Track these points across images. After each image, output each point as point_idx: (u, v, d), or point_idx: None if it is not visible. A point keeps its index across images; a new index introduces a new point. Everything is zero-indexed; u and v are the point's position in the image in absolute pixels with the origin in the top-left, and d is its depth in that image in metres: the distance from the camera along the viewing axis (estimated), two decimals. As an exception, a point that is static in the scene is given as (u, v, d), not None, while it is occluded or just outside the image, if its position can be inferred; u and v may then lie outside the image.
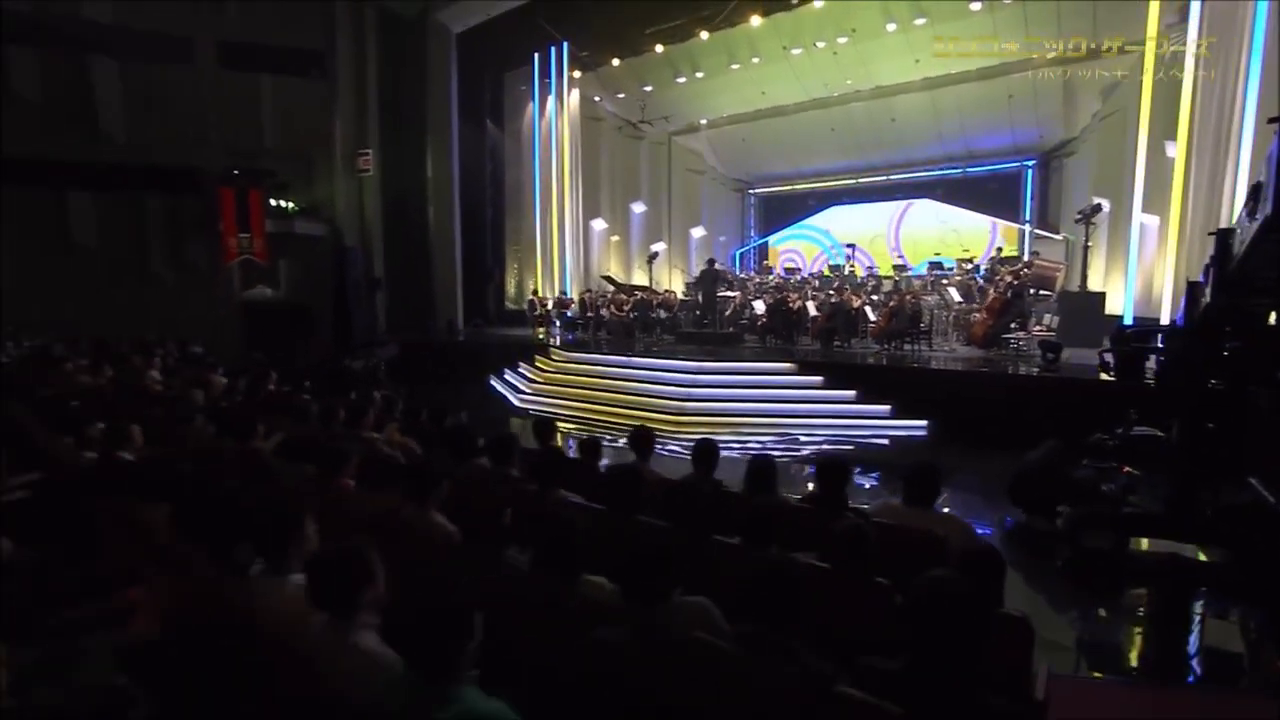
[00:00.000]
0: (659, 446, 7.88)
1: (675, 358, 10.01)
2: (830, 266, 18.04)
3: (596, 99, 19.54)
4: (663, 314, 13.06)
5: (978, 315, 10.63)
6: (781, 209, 22.43)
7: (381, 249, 16.19)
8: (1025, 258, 15.86)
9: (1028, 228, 17.55)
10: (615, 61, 17.15)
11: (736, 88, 17.66)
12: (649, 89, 18.33)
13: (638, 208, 21.14)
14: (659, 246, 21.49)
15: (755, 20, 14.52)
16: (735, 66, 16.68)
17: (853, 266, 18.27)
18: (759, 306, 12.00)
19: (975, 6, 13.47)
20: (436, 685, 1.37)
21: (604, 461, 4.31)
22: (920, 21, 14.00)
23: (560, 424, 9.21)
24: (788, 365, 9.45)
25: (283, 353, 14.24)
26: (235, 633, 1.57)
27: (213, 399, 6.46)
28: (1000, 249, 16.42)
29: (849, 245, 19.14)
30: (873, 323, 10.74)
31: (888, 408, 8.61)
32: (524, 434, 7.70)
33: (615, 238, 20.77)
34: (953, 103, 16.66)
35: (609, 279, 19.07)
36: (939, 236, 19.03)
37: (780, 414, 8.81)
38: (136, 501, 2.60)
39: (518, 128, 19.02)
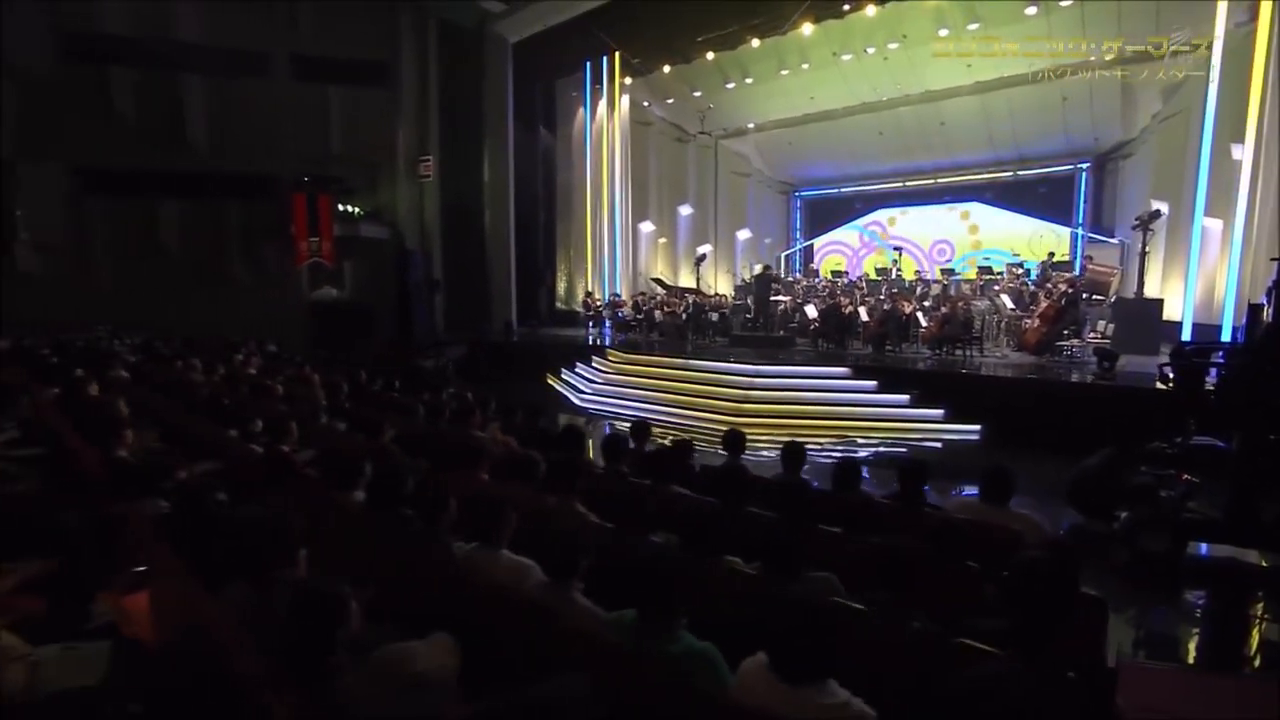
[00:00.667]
0: (714, 447, 8.42)
1: (732, 360, 10.40)
2: (877, 270, 18.19)
3: (645, 104, 20.01)
4: (715, 316, 13.45)
5: (1030, 321, 10.76)
6: (828, 212, 22.58)
7: (440, 251, 16.94)
8: (1079, 262, 15.84)
9: (1080, 231, 17.44)
10: (666, 69, 17.59)
11: (785, 93, 17.91)
12: (698, 94, 18.73)
13: (684, 210, 21.55)
14: (705, 249, 21.87)
15: (807, 28, 14.78)
16: (785, 72, 16.96)
17: (899, 269, 18.41)
18: (810, 311, 12.30)
19: (1030, 10, 13.55)
20: (664, 628, 1.83)
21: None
22: (973, 26, 14.08)
23: (623, 424, 9.80)
24: (843, 369, 9.77)
25: (345, 349, 15.16)
26: (482, 596, 2.05)
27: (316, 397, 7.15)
28: (1052, 254, 16.35)
29: (896, 247, 19.26)
30: (924, 328, 10.97)
31: (941, 412, 8.89)
32: (592, 433, 8.31)
33: (663, 240, 21.23)
34: (1004, 106, 16.65)
35: (659, 281, 19.55)
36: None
37: (836, 416, 9.14)
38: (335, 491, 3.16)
39: (569, 132, 19.59)
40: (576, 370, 12.90)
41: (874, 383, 9.44)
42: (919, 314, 11.26)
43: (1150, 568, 4.54)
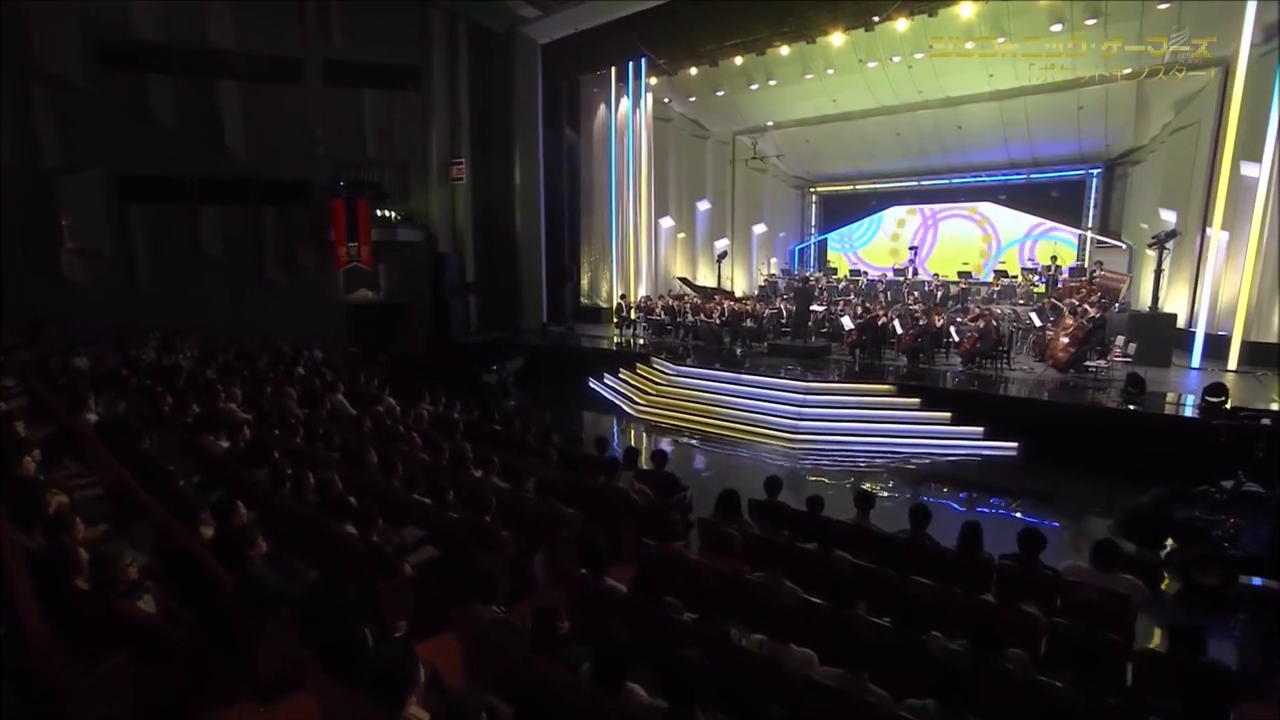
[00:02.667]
0: (773, 455, 9.21)
1: (784, 376, 11.11)
2: (895, 270, 18.93)
3: (666, 100, 20.35)
4: (749, 323, 14.12)
5: (1055, 334, 11.57)
6: (842, 207, 23.20)
7: (471, 252, 17.36)
8: (1090, 268, 16.68)
9: (1089, 234, 18.26)
10: (694, 71, 17.96)
11: (808, 95, 18.36)
12: (721, 93, 19.10)
13: (703, 205, 22.04)
14: (723, 244, 22.48)
15: (837, 37, 15.22)
16: (809, 77, 17.39)
17: (915, 267, 19.17)
18: (847, 322, 13.02)
19: (1056, 28, 14.09)
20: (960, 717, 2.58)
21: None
22: (1000, 40, 14.60)
23: (680, 432, 10.55)
24: (887, 387, 10.55)
25: (380, 347, 15.71)
26: (789, 685, 2.78)
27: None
28: (1055, 258, 17.14)
29: (911, 248, 19.99)
30: (956, 343, 11.74)
31: (980, 429, 9.71)
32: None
33: (682, 235, 21.74)
34: (1021, 112, 17.27)
35: (685, 281, 20.17)
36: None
37: (882, 433, 9.94)
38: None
39: (590, 128, 19.91)
40: (621, 376, 13.56)
41: (917, 400, 10.23)
42: (951, 328, 12.01)
43: (1204, 599, 5.40)
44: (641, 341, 16.05)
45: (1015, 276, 16.92)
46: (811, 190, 24.11)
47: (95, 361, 11.00)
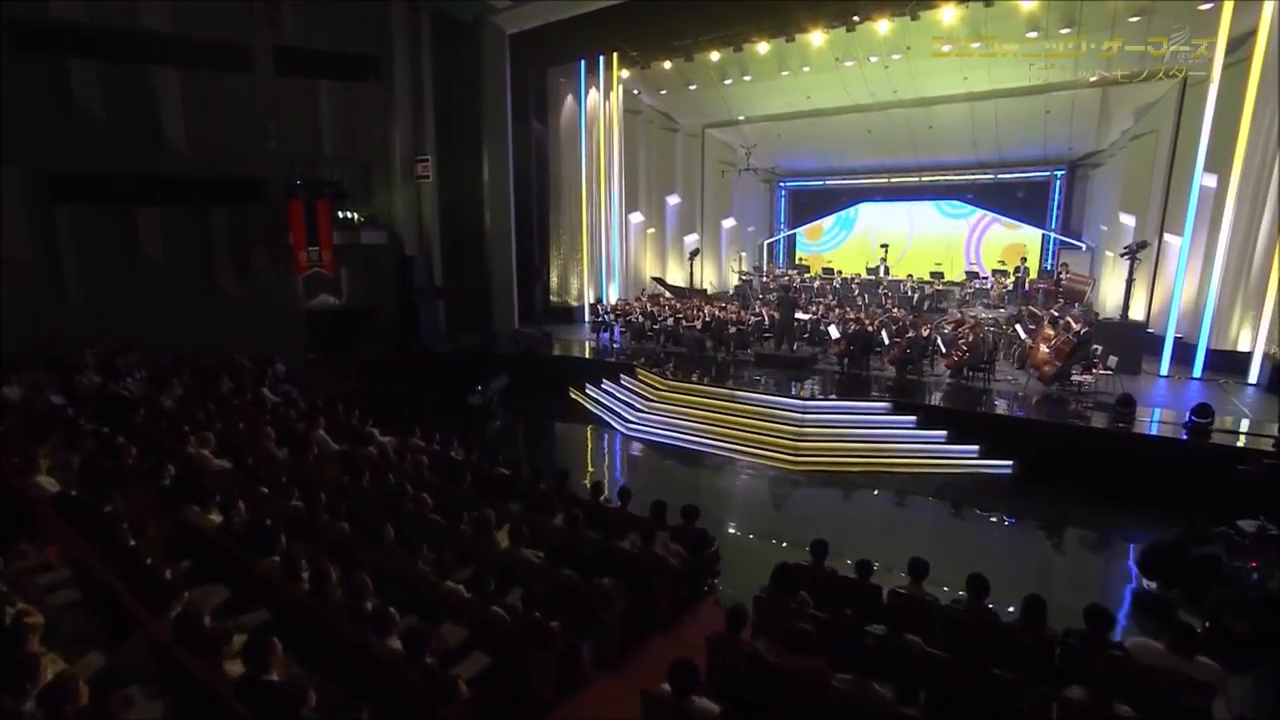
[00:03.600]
0: (774, 475, 9.10)
1: (781, 393, 10.98)
2: (868, 269, 19.06)
3: (636, 92, 19.79)
4: (733, 330, 13.92)
5: (1040, 347, 11.78)
6: (811, 202, 23.19)
7: (439, 253, 16.55)
8: (1057, 270, 17.15)
9: (1053, 234, 18.77)
10: (667, 64, 17.47)
11: (782, 91, 18.11)
12: (693, 87, 18.67)
13: (672, 200, 21.66)
14: (693, 239, 22.23)
15: (817, 36, 15.01)
16: (785, 74, 17.13)
17: (886, 266, 19.35)
18: (833, 331, 12.97)
19: (1032, 34, 14.21)
20: None
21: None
22: (976, 45, 14.65)
23: (677, 451, 10.30)
24: (884, 404, 10.54)
25: (343, 354, 14.90)
26: None
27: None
28: (1024, 259, 17.58)
29: (882, 245, 20.15)
30: (946, 355, 11.84)
31: (976, 448, 9.81)
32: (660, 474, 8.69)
33: (652, 230, 21.34)
34: (991, 114, 17.47)
35: (660, 280, 19.82)
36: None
37: (880, 452, 9.94)
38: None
39: (559, 121, 19.22)
40: (605, 388, 13.20)
41: (913, 417, 10.26)
42: (938, 338, 12.10)
43: (1233, 642, 5.51)
44: (617, 344, 15.71)
45: (986, 278, 17.25)
46: (781, 185, 23.99)
47: (29, 391, 9.97)
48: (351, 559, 4.97)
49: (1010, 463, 9.63)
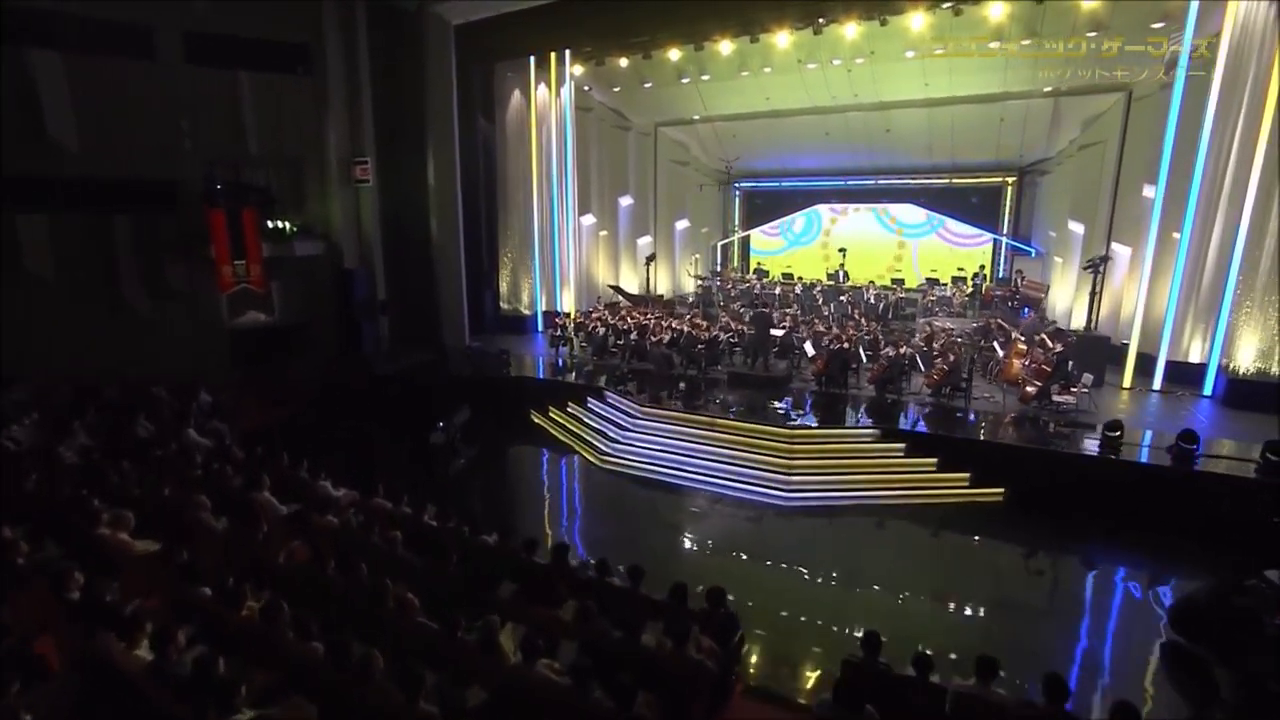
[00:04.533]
0: (766, 510, 8.57)
1: (771, 420, 10.45)
2: (828, 275, 18.87)
3: (587, 88, 18.85)
4: (702, 347, 13.34)
5: (1012, 361, 11.76)
6: (766, 204, 22.85)
7: (382, 263, 15.18)
8: (1013, 277, 17.40)
9: (1004, 240, 19.10)
10: (624, 61, 16.63)
11: (741, 92, 17.61)
12: (649, 85, 17.89)
13: (625, 201, 20.87)
14: (646, 241, 21.54)
15: (783, 37, 14.53)
16: (745, 74, 16.62)
17: (845, 272, 19.24)
18: (809, 348, 12.58)
19: (994, 45, 14.15)
20: None
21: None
22: (939, 51, 14.49)
23: (658, 485, 9.62)
24: (871, 431, 10.19)
25: (276, 377, 13.49)
26: None
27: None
28: (983, 266, 17.83)
29: (841, 250, 20.02)
30: (926, 374, 11.64)
31: (967, 475, 9.59)
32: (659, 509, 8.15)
33: (604, 232, 20.51)
34: (948, 120, 17.51)
35: (617, 289, 19.03)
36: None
37: (873, 485, 9.57)
38: None
39: (505, 118, 18.08)
40: (571, 411, 12.38)
41: (902, 445, 9.96)
42: (917, 357, 11.89)
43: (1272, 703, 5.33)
44: (576, 357, 14.89)
45: (946, 285, 17.35)
46: (736, 186, 23.56)
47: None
48: (333, 700, 4.05)
49: (1000, 490, 9.47)
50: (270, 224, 13.53)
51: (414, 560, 6.12)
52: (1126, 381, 12.58)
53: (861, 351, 12.15)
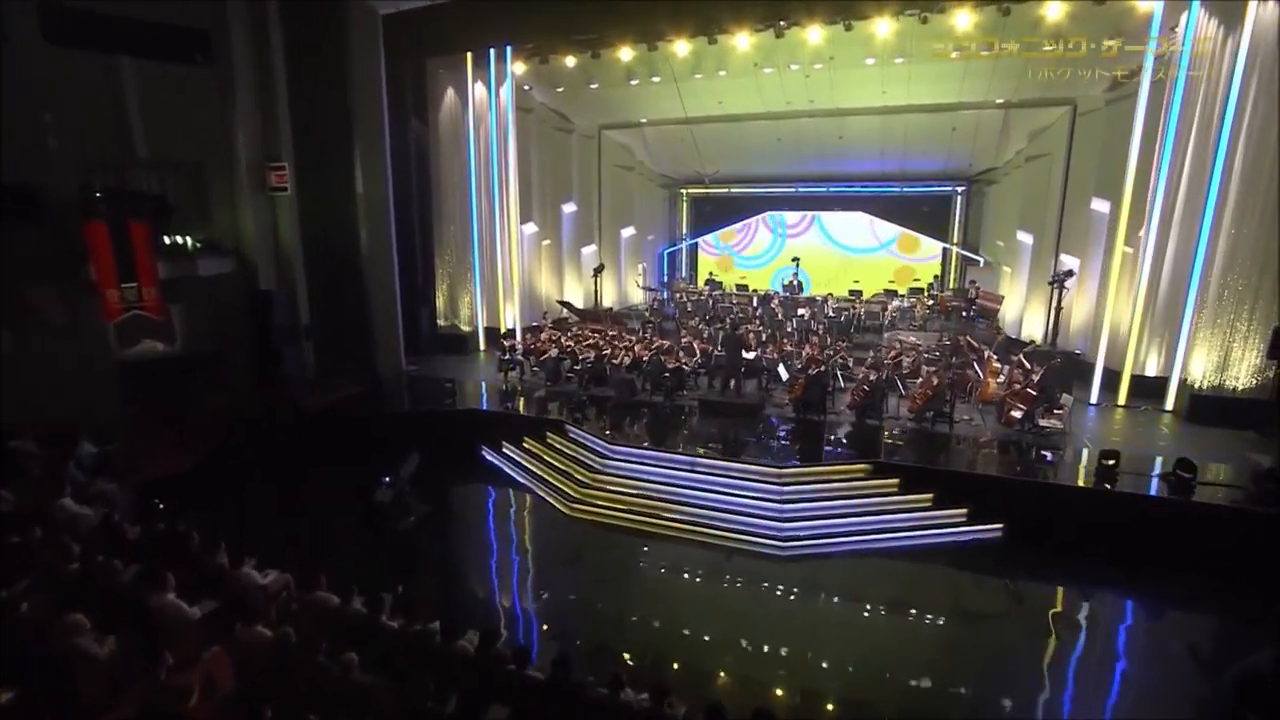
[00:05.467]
0: (760, 562, 7.72)
1: (758, 459, 9.65)
2: (784, 284, 18.37)
3: (527, 88, 17.58)
4: (667, 375, 12.44)
5: (989, 382, 11.48)
6: (714, 210, 22.19)
7: (304, 281, 13.44)
8: (968, 288, 17.40)
9: (954, 249, 19.17)
10: (570, 60, 15.49)
11: (693, 95, 16.77)
12: (595, 86, 16.81)
13: (568, 208, 19.71)
14: (591, 250, 20.50)
15: (743, 39, 13.82)
16: (699, 76, 15.83)
17: (799, 280, 18.83)
18: (783, 372, 11.90)
19: (955, 55, 13.91)
20: None
21: None
22: (899, 60, 14.18)
23: (636, 537, 8.61)
24: (863, 467, 9.56)
25: (179, 412, 11.66)
26: None
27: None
28: (937, 276, 17.80)
29: (794, 259, 19.59)
30: (905, 396, 11.17)
31: (964, 512, 9.11)
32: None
33: (547, 241, 19.29)
34: (901, 128, 17.33)
35: (567, 304, 17.88)
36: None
37: (867, 527, 8.94)
38: None
39: (439, 119, 16.60)
40: (527, 447, 11.21)
41: (895, 481, 9.39)
42: (896, 379, 11.42)
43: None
44: (527, 381, 13.70)
45: (903, 296, 17.17)
46: (683, 191, 22.78)
47: None
48: None
49: (1000, 527, 9.04)
50: (168, 239, 11.62)
51: (378, 689, 4.89)
52: (1094, 398, 12.57)
53: (839, 375, 11.55)
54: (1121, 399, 12.46)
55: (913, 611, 7.70)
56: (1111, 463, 8.97)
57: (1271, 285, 11.04)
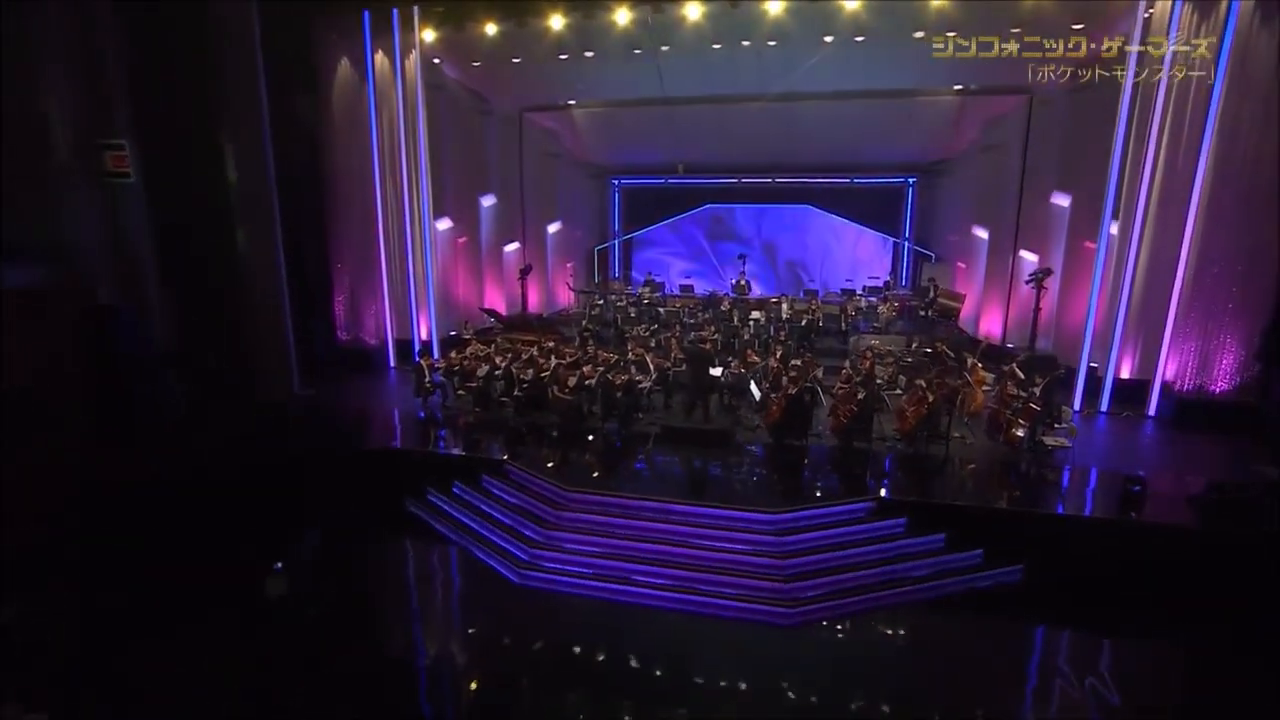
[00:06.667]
0: (766, 626, 6.43)
1: (747, 502, 8.27)
2: (734, 285, 17.24)
3: (437, 61, 15.51)
4: (621, 394, 10.91)
5: (980, 396, 10.68)
6: (650, 203, 20.74)
7: (158, 295, 10.95)
8: (926, 285, 16.82)
9: (906, 243, 18.64)
10: (491, 27, 13.62)
11: (631, 73, 15.29)
12: (518, 60, 14.97)
13: (487, 201, 17.74)
14: (514, 248, 18.67)
15: (693, 9, 12.48)
16: (638, 52, 14.36)
17: (746, 278, 17.78)
18: (754, 390, 10.62)
19: (918, 35, 13.13)
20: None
21: None
22: (859, 39, 13.27)
23: (610, 606, 7.03)
24: (864, 503, 8.40)
25: None
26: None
27: None
28: (891, 275, 17.16)
29: (740, 255, 18.50)
30: (897, 414, 10.16)
31: (979, 553, 8.15)
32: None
33: (463, 239, 17.27)
34: (853, 115, 16.48)
35: (492, 313, 16.01)
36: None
37: (878, 576, 7.80)
38: None
39: (331, 94, 14.33)
40: (464, 494, 9.41)
41: (903, 520, 8.30)
42: (884, 397, 10.40)
43: None
44: (451, 407, 11.82)
45: (860, 296, 16.40)
46: (616, 182, 21.20)
47: None
48: None
49: (1019, 568, 8.12)
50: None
51: None
52: (1076, 404, 12.08)
53: (820, 392, 10.40)
54: (1104, 405, 12.06)
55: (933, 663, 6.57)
56: (1139, 488, 8.21)
57: (1253, 283, 10.84)
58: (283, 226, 12.23)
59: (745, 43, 13.77)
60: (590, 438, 10.56)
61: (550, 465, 9.51)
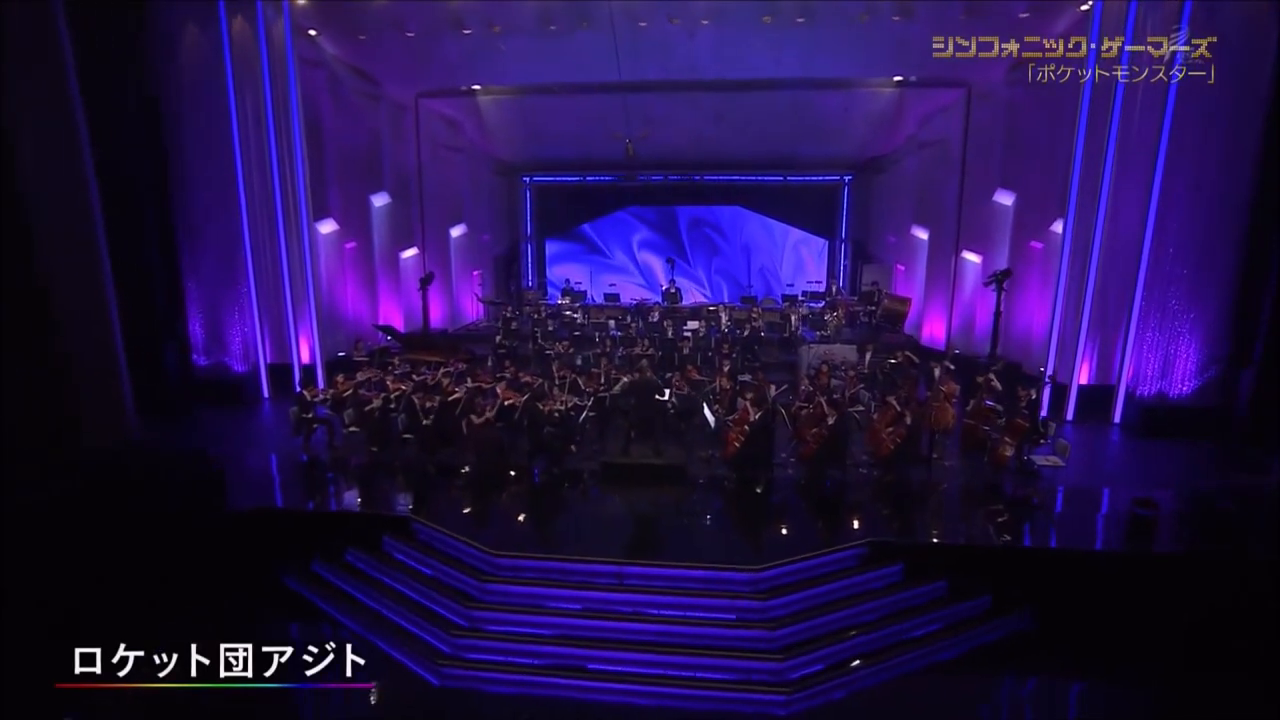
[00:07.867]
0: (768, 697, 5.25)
1: (720, 559, 6.96)
2: (664, 292, 16.09)
3: (313, 33, 13.55)
4: (550, 429, 9.45)
5: (950, 410, 9.95)
6: (565, 204, 19.29)
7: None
8: (870, 289, 16.30)
9: (843, 246, 18.15)
10: (379, -8, 11.86)
11: (544, 55, 13.91)
12: (412, 34, 13.26)
13: (379, 201, 15.79)
14: (412, 255, 16.84)
15: (618, -20, 11.21)
16: (553, 28, 13.02)
17: (675, 285, 16.73)
18: (709, 416, 9.40)
19: (862, 17, 12.50)
20: None
21: None
22: (800, 21, 12.51)
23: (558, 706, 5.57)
24: (854, 550, 7.33)
25: None
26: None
27: None
28: (836, 280, 16.61)
29: (669, 259, 17.41)
30: (874, 436, 9.22)
31: (986, 600, 7.27)
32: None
33: (351, 244, 15.27)
34: (788, 106, 15.78)
35: (388, 330, 14.09)
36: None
37: (877, 640, 6.74)
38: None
39: (180, 70, 12.11)
40: (363, 566, 7.65)
41: (898, 567, 7.30)
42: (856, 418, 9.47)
43: None
44: (340, 448, 9.95)
45: (802, 301, 15.64)
46: (527, 180, 19.61)
47: None
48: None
49: (1025, 615, 7.31)
50: None
51: None
52: (1043, 411, 11.65)
53: (785, 415, 9.33)
54: (1070, 414, 11.75)
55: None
56: (1149, 512, 7.57)
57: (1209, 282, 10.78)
58: (111, 231, 9.99)
59: (675, 21, 12.70)
60: (513, 474, 9.06)
61: (469, 517, 7.92)
